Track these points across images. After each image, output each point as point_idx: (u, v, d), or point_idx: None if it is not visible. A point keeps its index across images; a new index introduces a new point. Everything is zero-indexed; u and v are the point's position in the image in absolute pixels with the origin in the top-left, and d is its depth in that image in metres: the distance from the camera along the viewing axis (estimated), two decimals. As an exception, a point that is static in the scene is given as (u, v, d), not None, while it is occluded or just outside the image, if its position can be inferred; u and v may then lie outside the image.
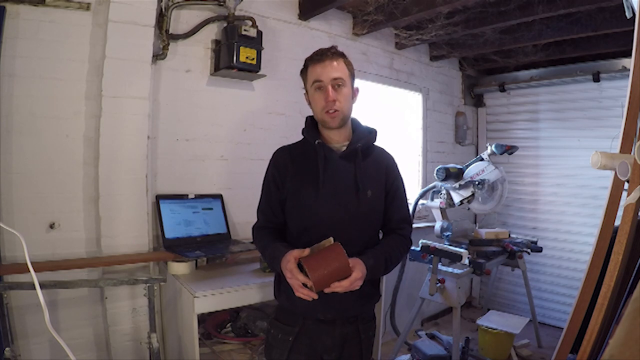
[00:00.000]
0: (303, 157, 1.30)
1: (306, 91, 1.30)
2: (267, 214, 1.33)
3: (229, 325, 1.91)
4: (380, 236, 1.37)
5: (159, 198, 1.94)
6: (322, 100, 1.23)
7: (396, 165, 1.38)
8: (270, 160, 1.35)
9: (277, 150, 1.37)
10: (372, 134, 1.35)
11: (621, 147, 1.07)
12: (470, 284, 4.03)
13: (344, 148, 1.29)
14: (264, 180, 1.35)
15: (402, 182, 1.38)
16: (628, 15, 1.23)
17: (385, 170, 1.32)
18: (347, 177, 1.26)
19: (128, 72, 1.81)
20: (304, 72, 1.29)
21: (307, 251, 1.13)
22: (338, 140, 1.30)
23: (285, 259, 1.14)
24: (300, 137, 1.35)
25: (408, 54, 3.31)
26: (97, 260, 1.75)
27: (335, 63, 1.23)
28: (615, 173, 1.02)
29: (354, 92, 1.30)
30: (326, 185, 1.24)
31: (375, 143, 1.37)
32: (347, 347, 1.28)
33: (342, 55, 1.26)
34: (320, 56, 1.23)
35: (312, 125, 1.33)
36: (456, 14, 2.69)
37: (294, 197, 1.27)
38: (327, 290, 1.10)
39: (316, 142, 1.27)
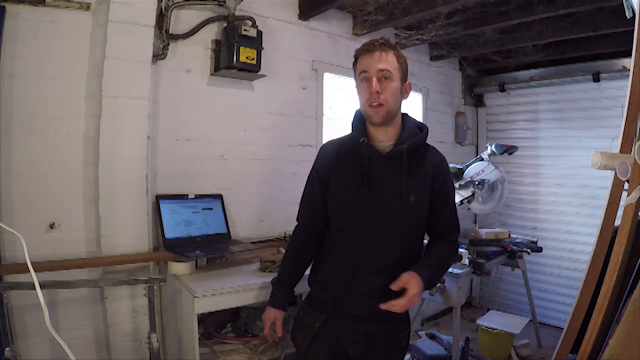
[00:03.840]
0: (347, 155, 1.24)
1: (356, 85, 1.25)
2: (305, 218, 1.34)
3: (229, 325, 1.90)
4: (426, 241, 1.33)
5: (159, 198, 1.94)
6: (366, 91, 1.17)
7: (446, 167, 1.29)
8: (318, 154, 1.33)
9: (325, 143, 1.35)
10: (422, 132, 1.26)
11: (621, 147, 1.07)
12: (470, 284, 4.02)
13: (391, 148, 1.22)
14: (308, 176, 1.33)
15: (452, 186, 1.32)
16: (628, 15, 1.23)
17: (432, 173, 1.24)
18: (390, 180, 1.19)
19: (128, 72, 1.81)
20: (354, 64, 1.25)
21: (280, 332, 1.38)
22: (384, 139, 1.23)
23: (269, 313, 1.37)
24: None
25: (408, 54, 3.28)
26: (97, 260, 1.75)
27: (383, 54, 1.18)
28: (615, 173, 1.02)
29: (405, 88, 1.24)
30: (368, 189, 1.19)
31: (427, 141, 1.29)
32: (373, 346, 1.23)
33: (392, 47, 1.21)
34: (369, 47, 1.19)
35: (360, 119, 1.27)
36: (456, 14, 2.69)
37: (333, 198, 1.24)
38: (383, 307, 1.10)
39: (361, 140, 1.21)
